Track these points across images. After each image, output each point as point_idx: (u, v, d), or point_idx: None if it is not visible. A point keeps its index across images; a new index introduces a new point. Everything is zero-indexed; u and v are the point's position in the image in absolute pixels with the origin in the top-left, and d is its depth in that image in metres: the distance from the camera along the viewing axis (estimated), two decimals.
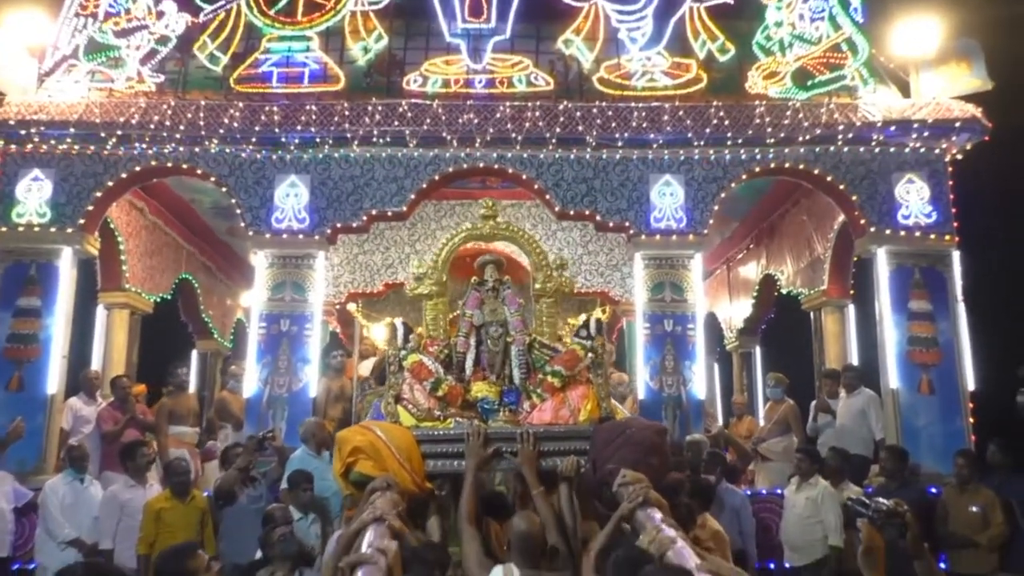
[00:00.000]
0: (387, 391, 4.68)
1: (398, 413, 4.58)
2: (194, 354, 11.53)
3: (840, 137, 7.96)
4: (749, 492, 7.24)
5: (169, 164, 8.05)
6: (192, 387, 9.51)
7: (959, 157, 8.18)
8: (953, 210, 7.97)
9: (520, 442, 4.22)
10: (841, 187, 8.06)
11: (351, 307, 11.17)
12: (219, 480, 6.34)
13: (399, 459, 4.13)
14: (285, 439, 7.47)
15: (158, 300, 10.08)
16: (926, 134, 7.94)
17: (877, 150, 8.06)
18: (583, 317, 4.95)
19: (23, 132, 7.84)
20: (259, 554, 5.11)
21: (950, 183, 8.05)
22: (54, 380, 7.61)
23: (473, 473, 4.12)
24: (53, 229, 7.81)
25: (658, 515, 3.47)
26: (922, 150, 8.06)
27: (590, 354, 4.69)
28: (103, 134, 7.84)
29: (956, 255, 7.88)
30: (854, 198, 8.03)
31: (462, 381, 4.74)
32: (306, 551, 5.44)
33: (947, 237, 7.89)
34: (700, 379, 7.84)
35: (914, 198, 7.97)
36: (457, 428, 4.43)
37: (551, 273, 4.99)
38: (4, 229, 7.80)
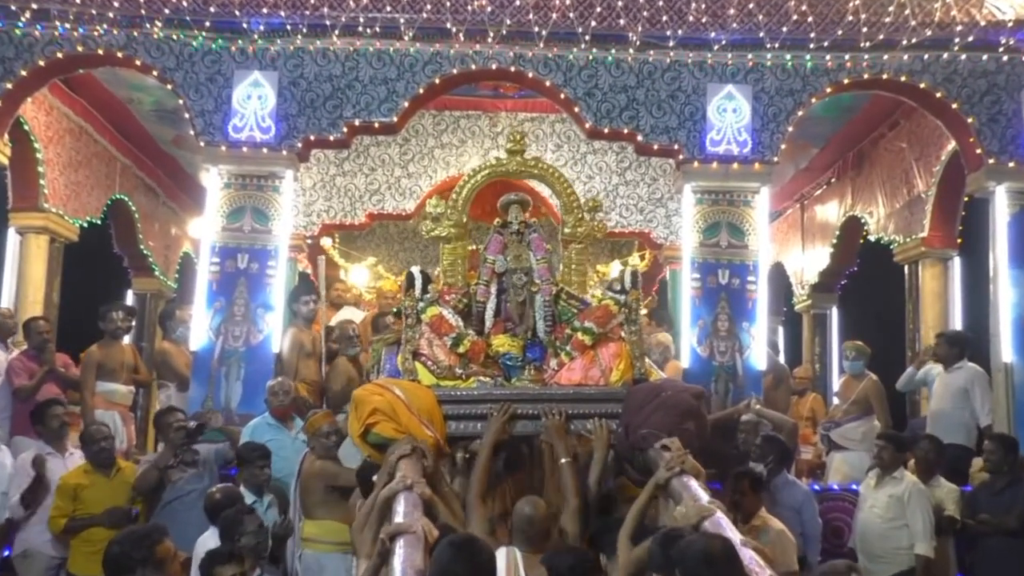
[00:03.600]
0: (404, 345, 5.13)
1: (416, 370, 5.04)
2: (130, 294, 11.69)
3: (957, 41, 7.81)
4: (817, 487, 7.22)
5: (100, 51, 7.94)
6: (127, 336, 9.50)
7: None
8: None
9: (546, 416, 4.77)
10: (954, 106, 7.94)
11: (325, 242, 11.15)
12: (137, 478, 6.45)
13: (421, 421, 4.63)
14: (240, 405, 7.64)
15: (85, 225, 10.10)
16: None
17: (1005, 59, 7.91)
18: (616, 268, 5.24)
19: None
20: (202, 539, 5.21)
21: None
22: None
23: (490, 449, 4.61)
24: None
25: (694, 484, 3.97)
26: None
27: (624, 310, 5.12)
28: (14, 7, 7.72)
29: None
30: (970, 120, 7.92)
31: (482, 333, 5.21)
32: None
33: None
34: (760, 345, 7.87)
35: None
36: (480, 388, 4.97)
37: (582, 216, 5.37)
38: None
